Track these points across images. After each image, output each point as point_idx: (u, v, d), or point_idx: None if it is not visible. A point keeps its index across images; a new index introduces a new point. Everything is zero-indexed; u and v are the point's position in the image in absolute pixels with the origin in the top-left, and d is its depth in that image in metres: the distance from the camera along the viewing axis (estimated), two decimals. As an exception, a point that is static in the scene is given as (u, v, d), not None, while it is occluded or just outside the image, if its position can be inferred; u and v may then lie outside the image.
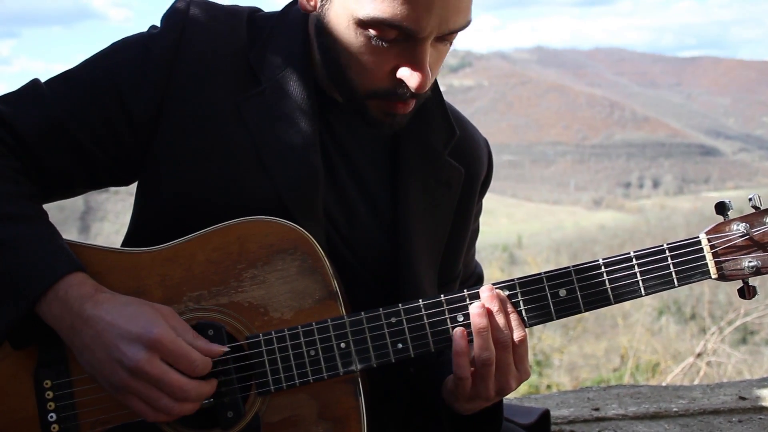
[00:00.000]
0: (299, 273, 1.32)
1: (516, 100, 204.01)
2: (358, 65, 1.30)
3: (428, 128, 1.50)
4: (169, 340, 1.21)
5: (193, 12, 1.41)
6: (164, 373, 1.20)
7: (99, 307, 1.23)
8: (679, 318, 19.76)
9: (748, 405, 2.43)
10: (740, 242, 1.31)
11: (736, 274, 1.32)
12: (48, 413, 1.30)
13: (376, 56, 1.28)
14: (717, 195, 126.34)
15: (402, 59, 1.28)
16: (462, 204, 1.56)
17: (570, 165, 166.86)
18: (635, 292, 1.32)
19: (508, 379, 1.33)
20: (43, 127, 1.36)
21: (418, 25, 1.22)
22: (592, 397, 2.55)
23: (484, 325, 1.30)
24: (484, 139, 1.66)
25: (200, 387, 1.24)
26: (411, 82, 1.28)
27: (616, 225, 71.92)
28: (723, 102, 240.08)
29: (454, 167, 1.53)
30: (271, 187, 1.37)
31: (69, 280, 1.25)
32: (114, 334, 1.21)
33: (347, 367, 1.31)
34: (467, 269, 1.70)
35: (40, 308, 1.25)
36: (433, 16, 1.22)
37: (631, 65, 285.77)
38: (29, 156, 1.37)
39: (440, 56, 1.34)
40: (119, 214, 59.68)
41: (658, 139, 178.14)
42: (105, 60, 1.42)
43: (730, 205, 1.32)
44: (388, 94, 1.32)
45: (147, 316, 1.23)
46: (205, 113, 1.37)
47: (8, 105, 1.38)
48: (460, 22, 1.28)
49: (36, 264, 1.24)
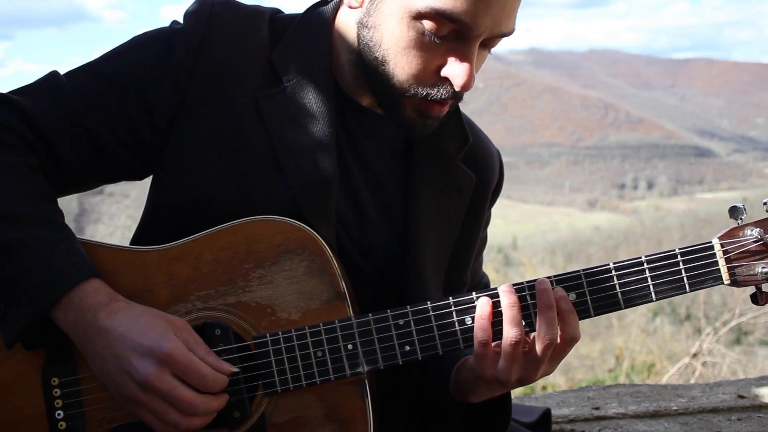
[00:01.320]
0: (307, 273, 1.33)
1: (511, 102, 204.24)
2: (405, 60, 1.31)
3: (442, 134, 1.50)
4: (181, 355, 1.21)
5: (216, 10, 1.40)
6: (173, 388, 1.20)
7: (113, 317, 1.23)
8: (673, 319, 19.81)
9: (747, 403, 2.44)
10: (754, 247, 1.29)
11: (750, 279, 1.29)
12: (55, 410, 1.30)
13: (426, 51, 1.30)
14: (711, 196, 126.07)
15: (451, 56, 1.29)
16: (472, 211, 1.57)
17: (564, 166, 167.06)
18: (646, 297, 1.31)
19: (537, 368, 1.31)
20: (63, 120, 1.35)
21: (474, 21, 1.24)
22: (592, 396, 2.56)
23: (514, 301, 1.30)
24: (496, 150, 1.66)
25: (209, 402, 1.24)
26: (457, 80, 1.29)
27: (610, 226, 72.03)
28: (717, 103, 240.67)
29: (466, 174, 1.54)
30: (286, 186, 1.37)
31: (84, 287, 1.25)
32: (126, 347, 1.21)
33: (354, 368, 1.31)
34: (474, 278, 1.70)
35: (54, 313, 1.25)
36: (489, 15, 1.25)
37: (626, 67, 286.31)
38: (48, 150, 1.36)
39: (480, 63, 1.36)
40: (114, 216, 59.58)
41: (652, 140, 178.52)
42: (127, 54, 1.41)
43: (743, 210, 1.30)
44: (428, 92, 1.33)
45: (160, 330, 1.22)
46: (225, 111, 1.37)
47: (28, 97, 1.36)
48: (510, 27, 1.30)
49: (52, 269, 1.24)
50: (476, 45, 1.28)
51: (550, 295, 1.29)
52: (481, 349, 1.31)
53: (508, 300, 1.30)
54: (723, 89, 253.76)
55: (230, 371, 1.27)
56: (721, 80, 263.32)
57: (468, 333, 1.32)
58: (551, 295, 1.29)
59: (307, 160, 1.38)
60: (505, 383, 1.33)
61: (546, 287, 1.30)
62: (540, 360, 1.31)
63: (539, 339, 1.29)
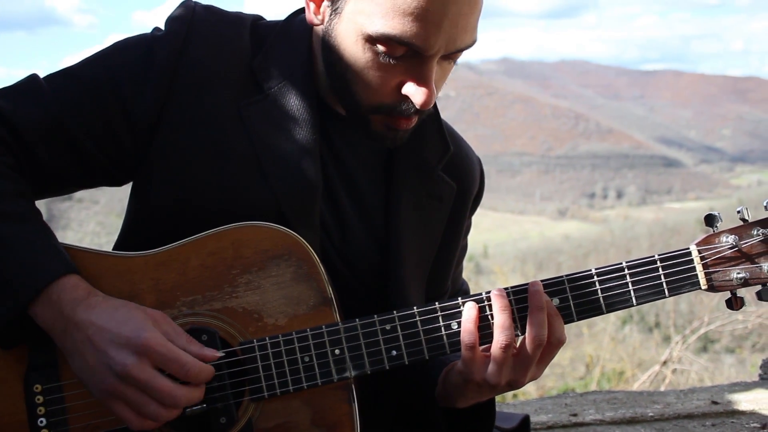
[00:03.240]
0: (294, 279, 1.33)
1: (482, 111, 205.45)
2: (364, 81, 1.31)
3: (423, 143, 1.51)
4: (159, 344, 1.20)
5: (198, 17, 1.41)
6: (152, 377, 1.20)
7: (90, 311, 1.23)
8: (642, 327, 20.01)
9: (721, 409, 2.49)
10: (729, 254, 1.34)
11: (725, 285, 1.34)
12: (38, 418, 1.29)
13: (383, 72, 1.30)
14: (679, 206, 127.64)
15: (408, 76, 1.29)
16: (452, 219, 1.58)
17: (535, 175, 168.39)
18: (627, 302, 1.34)
19: (527, 370, 1.32)
20: (43, 124, 1.34)
21: (426, 43, 1.24)
22: (570, 403, 2.59)
23: (505, 304, 1.31)
24: (477, 158, 1.67)
25: (190, 392, 1.23)
26: (416, 99, 1.30)
27: (580, 235, 72.68)
28: (684, 114, 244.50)
29: (447, 182, 1.54)
30: (270, 194, 1.37)
31: (62, 282, 1.24)
32: (104, 339, 1.20)
33: (341, 373, 1.32)
34: (454, 285, 1.71)
35: (32, 310, 1.24)
36: (442, 35, 1.24)
37: (596, 77, 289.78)
38: (26, 153, 1.35)
39: (444, 74, 1.36)
40: (82, 222, 58.81)
41: (621, 150, 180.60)
42: (108, 59, 1.40)
43: (719, 218, 1.34)
44: (392, 109, 1.33)
45: (137, 321, 1.22)
46: (206, 118, 1.37)
47: (7, 100, 1.35)
48: (467, 41, 1.30)
49: (29, 265, 1.23)
50: (433, 63, 1.28)
51: (542, 297, 1.31)
52: (469, 353, 1.32)
53: (500, 304, 1.31)
54: (690, 101, 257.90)
55: (214, 357, 1.26)
56: (688, 92, 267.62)
57: (454, 338, 1.33)
58: (543, 297, 1.31)
59: (291, 167, 1.38)
60: (494, 386, 1.34)
61: (539, 289, 1.32)
62: (529, 362, 1.32)
63: (529, 340, 1.30)
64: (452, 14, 1.23)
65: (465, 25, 1.26)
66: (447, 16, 1.22)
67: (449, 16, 1.23)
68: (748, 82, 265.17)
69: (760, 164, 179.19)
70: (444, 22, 1.23)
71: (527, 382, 1.35)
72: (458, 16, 1.24)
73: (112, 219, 49.97)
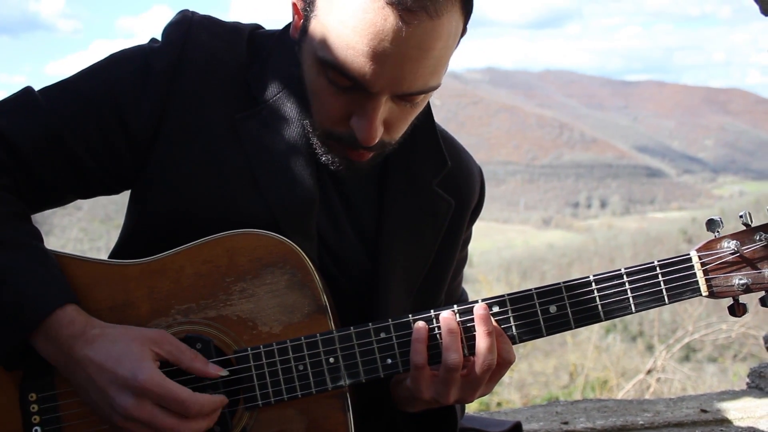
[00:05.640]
0: (288, 287, 1.32)
1: (467, 120, 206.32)
2: (318, 103, 1.31)
3: (416, 158, 1.49)
4: (155, 385, 1.20)
5: (195, 28, 1.40)
6: (154, 417, 1.21)
7: (89, 346, 1.23)
8: (625, 336, 20.12)
9: (710, 417, 2.51)
10: (731, 259, 1.31)
11: (727, 291, 1.31)
12: (33, 426, 1.28)
13: (334, 98, 1.28)
14: (662, 216, 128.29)
15: (353, 109, 1.27)
16: (450, 233, 1.55)
17: (520, 184, 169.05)
18: (625, 309, 1.32)
19: (475, 391, 1.33)
20: (40, 139, 1.34)
21: (365, 79, 1.21)
22: (561, 411, 2.59)
23: (453, 327, 1.30)
24: (478, 168, 1.64)
25: (194, 426, 1.23)
26: (358, 134, 1.27)
27: (564, 244, 72.99)
28: (667, 125, 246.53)
29: (443, 198, 1.52)
30: (265, 207, 1.36)
31: (59, 317, 1.23)
32: (104, 379, 1.21)
33: (336, 382, 1.31)
34: (453, 296, 1.69)
35: (33, 339, 1.24)
36: (385, 74, 1.21)
37: (580, 87, 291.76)
38: (24, 169, 1.34)
39: (404, 115, 1.32)
40: (65, 228, 58.50)
41: (605, 160, 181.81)
42: (104, 72, 1.40)
43: (720, 223, 1.31)
44: (341, 138, 1.31)
45: (134, 358, 1.22)
46: (202, 131, 1.37)
47: (2, 116, 1.35)
48: (417, 86, 1.25)
49: (27, 295, 1.23)
50: (379, 101, 1.25)
51: (489, 321, 1.30)
52: (417, 372, 1.31)
53: (447, 326, 1.30)
54: (673, 111, 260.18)
55: (217, 375, 1.26)
56: (671, 102, 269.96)
57: None
58: (491, 321, 1.30)
59: (287, 180, 1.37)
60: (443, 404, 1.34)
61: (484, 314, 1.30)
62: (479, 383, 1.32)
63: (479, 364, 1.30)
64: (397, 56, 1.19)
65: (414, 69, 1.22)
66: (390, 58, 1.19)
67: (393, 58, 1.19)
68: (729, 93, 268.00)
69: (742, 175, 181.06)
70: (387, 63, 1.19)
71: (476, 399, 1.35)
72: (404, 60, 1.20)
73: (95, 225, 49.70)
